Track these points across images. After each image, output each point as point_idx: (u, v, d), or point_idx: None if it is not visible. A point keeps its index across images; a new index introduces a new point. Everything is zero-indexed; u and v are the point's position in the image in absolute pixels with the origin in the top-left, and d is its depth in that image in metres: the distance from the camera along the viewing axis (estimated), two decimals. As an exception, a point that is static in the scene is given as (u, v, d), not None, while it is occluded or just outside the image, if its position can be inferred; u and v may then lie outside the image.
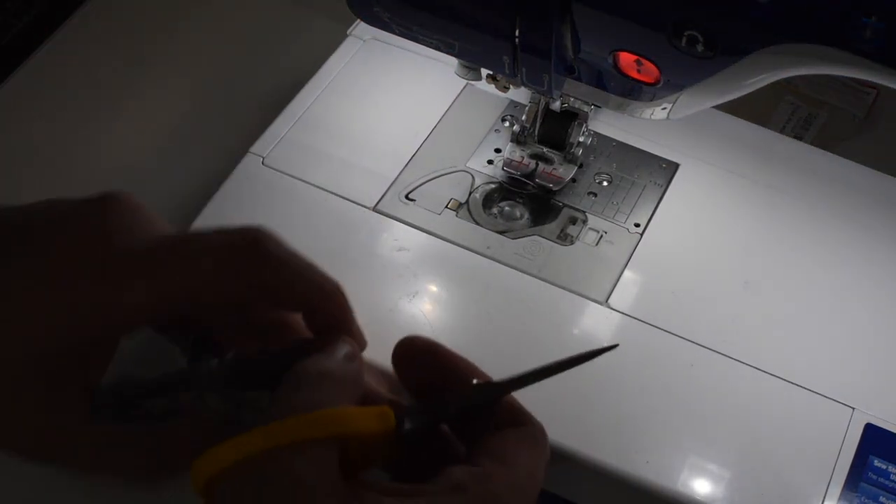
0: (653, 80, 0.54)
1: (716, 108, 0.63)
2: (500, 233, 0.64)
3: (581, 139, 0.66)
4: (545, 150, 0.67)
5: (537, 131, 0.66)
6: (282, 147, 0.67)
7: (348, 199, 0.65)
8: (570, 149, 0.66)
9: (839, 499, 0.55)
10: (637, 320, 0.61)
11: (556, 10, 0.52)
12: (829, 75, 0.60)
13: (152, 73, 0.86)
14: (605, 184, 0.67)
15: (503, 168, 0.67)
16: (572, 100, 0.63)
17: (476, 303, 0.61)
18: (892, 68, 0.48)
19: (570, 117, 0.65)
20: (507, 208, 0.66)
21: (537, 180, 0.66)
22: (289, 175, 0.66)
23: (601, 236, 0.65)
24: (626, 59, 0.53)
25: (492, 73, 0.63)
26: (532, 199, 0.66)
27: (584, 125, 0.66)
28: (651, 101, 0.56)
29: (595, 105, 0.63)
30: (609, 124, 0.69)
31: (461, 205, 0.66)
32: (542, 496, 0.59)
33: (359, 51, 0.73)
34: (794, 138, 0.76)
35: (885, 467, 0.56)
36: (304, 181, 0.66)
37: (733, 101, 0.56)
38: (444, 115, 0.70)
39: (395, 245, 0.63)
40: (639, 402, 0.58)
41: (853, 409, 0.58)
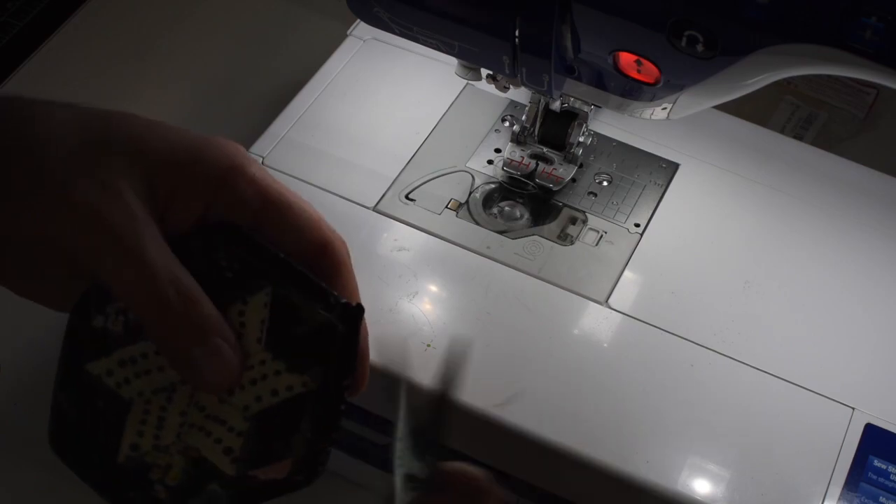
0: (653, 80, 0.54)
1: (716, 108, 0.63)
2: (500, 233, 0.64)
3: (581, 139, 0.66)
4: (545, 150, 0.67)
5: (537, 131, 0.66)
6: (282, 147, 0.67)
7: (348, 199, 0.65)
8: (570, 149, 0.66)
9: (839, 499, 0.55)
10: (637, 320, 0.61)
11: (556, 10, 0.52)
12: (829, 75, 0.60)
13: (152, 73, 0.86)
14: (605, 184, 0.67)
15: (503, 168, 0.67)
16: (572, 100, 0.63)
17: (476, 303, 0.61)
18: (892, 68, 0.48)
19: (570, 117, 0.65)
20: (507, 208, 0.66)
21: (537, 180, 0.66)
22: (289, 175, 0.66)
23: (601, 236, 0.64)
24: (626, 59, 0.53)
25: (492, 73, 0.63)
26: (532, 199, 0.66)
27: (584, 125, 0.66)
28: (651, 101, 0.56)
29: (595, 105, 0.63)
30: (609, 124, 0.69)
31: (461, 205, 0.66)
32: (542, 496, 0.59)
33: (359, 51, 0.73)
34: (794, 138, 0.76)
35: (885, 467, 0.56)
36: (304, 181, 0.66)
37: (733, 101, 0.56)
38: (444, 115, 0.70)
39: (395, 245, 0.63)
40: (639, 402, 0.58)
41: (853, 409, 0.58)
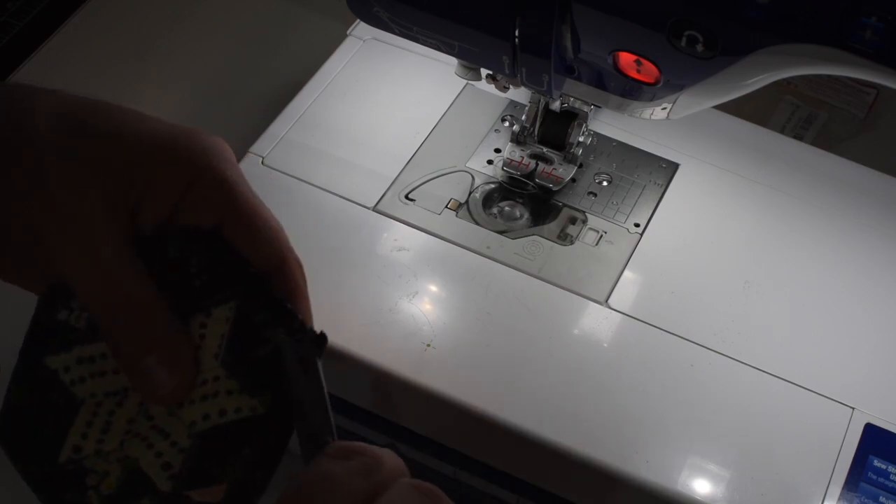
0: (653, 80, 0.54)
1: (716, 108, 0.63)
2: (500, 233, 0.64)
3: (581, 139, 0.66)
4: (545, 150, 0.67)
5: (537, 131, 0.66)
6: (282, 147, 0.67)
7: (348, 199, 0.65)
8: (570, 149, 0.66)
9: (839, 499, 0.55)
10: (637, 320, 0.61)
11: (556, 10, 0.52)
12: (829, 75, 0.60)
13: (152, 73, 0.86)
14: (605, 184, 0.67)
15: (503, 168, 0.67)
16: (572, 100, 0.63)
17: (476, 303, 0.61)
18: (892, 68, 0.48)
19: (570, 117, 0.65)
20: (507, 208, 0.66)
21: (537, 180, 0.66)
22: (289, 175, 0.66)
23: (601, 236, 0.64)
24: (626, 59, 0.53)
25: (492, 73, 0.63)
26: (532, 199, 0.66)
27: (584, 125, 0.66)
28: (651, 101, 0.56)
29: (595, 105, 0.63)
30: (609, 124, 0.69)
31: (461, 205, 0.66)
32: (542, 495, 0.59)
33: (359, 51, 0.73)
34: (794, 138, 0.76)
35: (885, 467, 0.56)
36: (304, 181, 0.66)
37: (733, 101, 0.56)
38: (444, 115, 0.70)
39: (395, 245, 0.63)
40: (639, 402, 0.58)
41: (853, 409, 0.58)
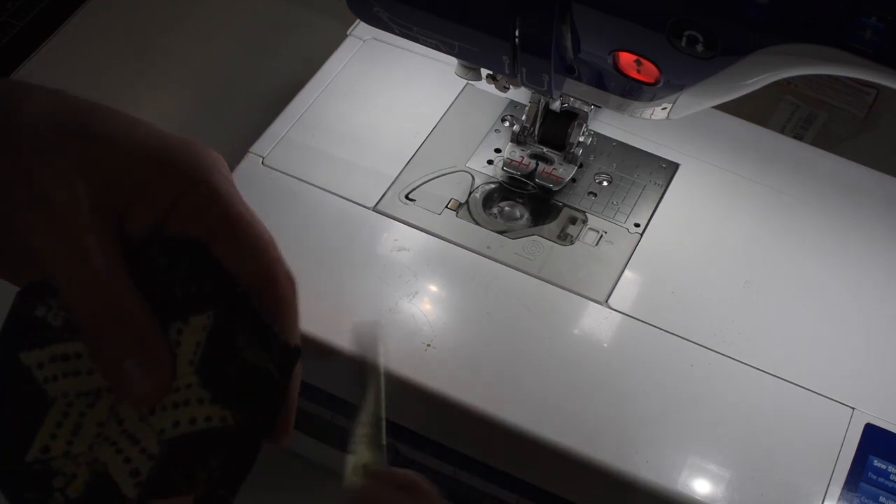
0: (653, 80, 0.54)
1: (716, 108, 0.63)
2: (500, 233, 0.64)
3: (581, 139, 0.66)
4: (545, 150, 0.67)
5: (537, 131, 0.66)
6: (282, 147, 0.67)
7: (348, 199, 0.65)
8: (570, 149, 0.66)
9: (839, 499, 0.55)
10: (637, 320, 0.61)
11: (556, 10, 0.52)
12: (829, 75, 0.60)
13: (152, 74, 0.86)
14: (605, 184, 0.67)
15: (503, 168, 0.67)
16: (572, 100, 0.63)
17: (476, 303, 0.61)
18: (892, 68, 0.48)
19: (570, 117, 0.65)
20: (507, 208, 0.66)
21: (537, 180, 0.66)
22: (289, 175, 0.66)
23: (601, 236, 0.64)
24: (626, 59, 0.53)
25: (492, 73, 0.63)
26: (532, 199, 0.66)
27: (584, 125, 0.66)
28: (651, 101, 0.56)
29: (595, 105, 0.63)
30: (609, 124, 0.69)
31: (461, 205, 0.66)
32: (542, 495, 0.59)
33: (359, 51, 0.73)
34: (794, 138, 0.76)
35: (885, 467, 0.56)
36: (304, 181, 0.66)
37: (733, 101, 0.56)
38: (444, 115, 0.70)
39: (395, 245, 0.63)
40: (639, 402, 0.58)
41: (853, 409, 0.58)
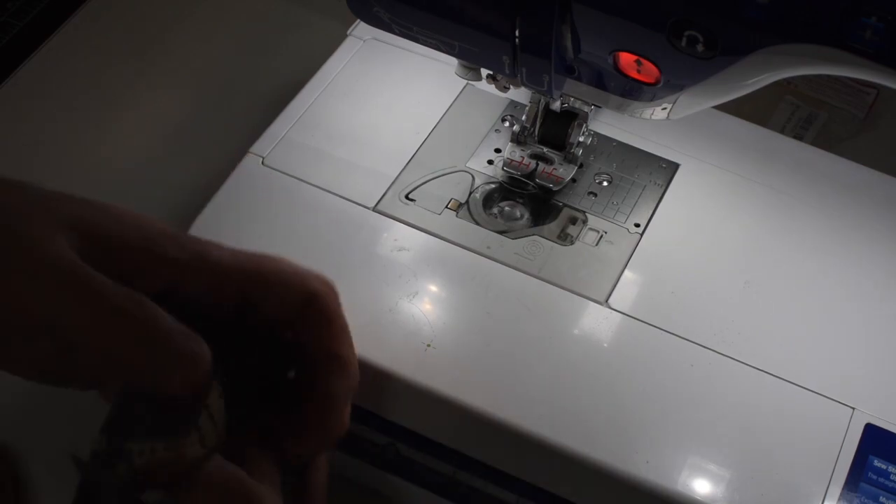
0: (653, 80, 0.54)
1: (716, 108, 0.63)
2: (500, 233, 0.64)
3: (581, 139, 0.66)
4: (545, 150, 0.67)
5: (537, 131, 0.66)
6: (282, 147, 0.67)
7: (348, 199, 0.65)
8: (570, 149, 0.66)
9: (839, 499, 0.55)
10: (637, 320, 0.61)
11: (556, 10, 0.52)
12: (829, 75, 0.60)
13: (152, 73, 0.86)
14: (605, 184, 0.67)
15: (503, 168, 0.67)
16: (572, 100, 0.63)
17: (476, 303, 0.61)
18: (892, 68, 0.48)
19: (570, 117, 0.65)
20: (507, 208, 0.66)
21: (537, 180, 0.66)
22: (289, 175, 0.66)
23: (601, 236, 0.64)
24: (626, 59, 0.53)
25: (492, 73, 0.63)
26: (532, 199, 0.66)
27: (584, 125, 0.66)
28: (651, 101, 0.56)
29: (595, 105, 0.63)
30: (609, 124, 0.69)
31: (461, 205, 0.66)
32: (542, 495, 0.59)
33: (359, 51, 0.73)
34: (794, 138, 0.76)
35: (885, 467, 0.56)
36: (304, 181, 0.66)
37: (733, 101, 0.56)
38: (444, 115, 0.70)
39: (395, 245, 0.63)
40: (639, 402, 0.58)
41: (853, 409, 0.58)
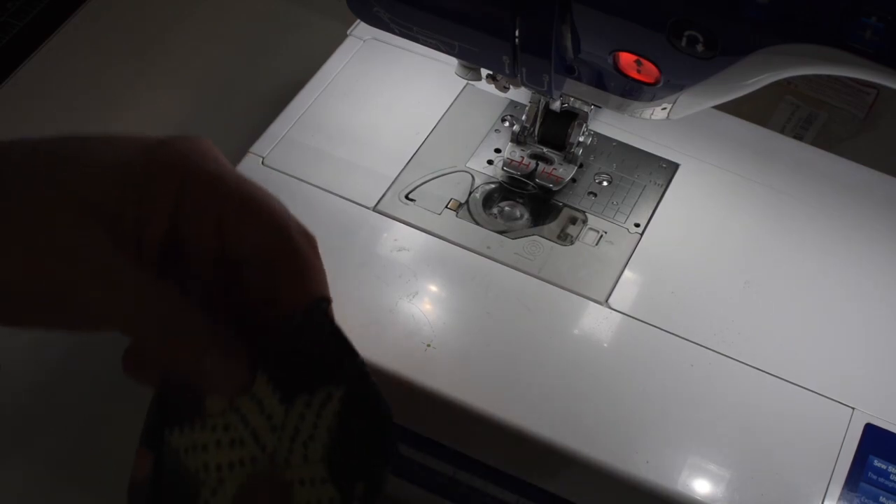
0: (653, 80, 0.54)
1: (716, 108, 0.63)
2: (500, 233, 0.64)
3: (581, 139, 0.66)
4: (545, 150, 0.67)
5: (537, 131, 0.66)
6: (282, 147, 0.67)
7: (348, 199, 0.65)
8: (570, 149, 0.66)
9: (839, 499, 0.55)
10: (637, 320, 0.61)
11: (556, 10, 0.52)
12: (829, 75, 0.60)
13: (152, 74, 0.86)
14: (605, 184, 0.67)
15: (503, 168, 0.67)
16: (572, 100, 0.63)
17: (476, 303, 0.61)
18: (892, 68, 0.48)
19: (570, 117, 0.65)
20: (507, 208, 0.66)
21: (537, 180, 0.66)
22: (289, 175, 0.66)
23: (601, 236, 0.64)
24: (626, 59, 0.53)
25: (492, 73, 0.63)
26: (532, 199, 0.66)
27: (584, 125, 0.66)
28: (651, 101, 0.56)
29: (595, 105, 0.63)
30: (609, 124, 0.69)
31: (461, 205, 0.66)
32: (542, 495, 0.59)
33: (359, 51, 0.73)
34: (794, 138, 0.76)
35: (885, 467, 0.56)
36: (304, 181, 0.66)
37: (733, 101, 0.56)
38: (444, 115, 0.70)
39: (395, 245, 0.63)
40: (639, 402, 0.58)
41: (853, 409, 0.58)
